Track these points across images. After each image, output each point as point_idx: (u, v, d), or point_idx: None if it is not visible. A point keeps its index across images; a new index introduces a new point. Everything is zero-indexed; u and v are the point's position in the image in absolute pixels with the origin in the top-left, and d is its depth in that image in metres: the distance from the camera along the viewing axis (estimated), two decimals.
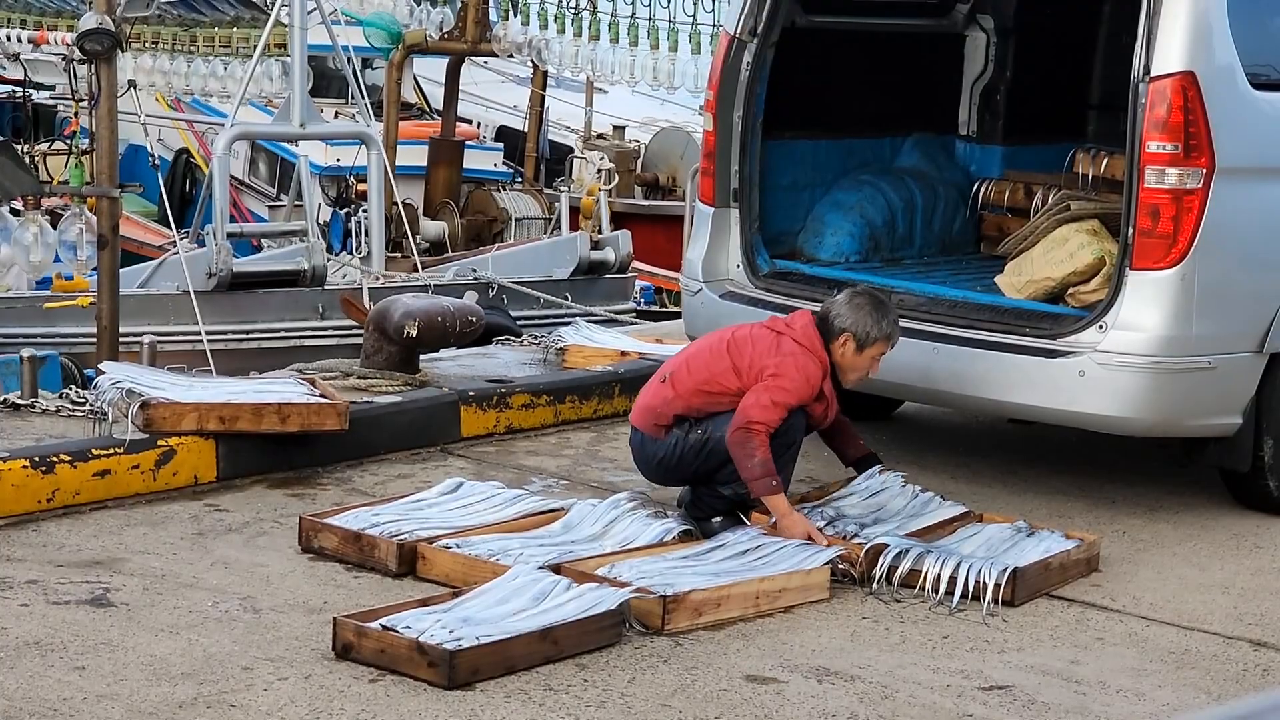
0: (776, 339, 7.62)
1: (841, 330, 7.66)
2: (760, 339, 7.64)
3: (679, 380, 7.68)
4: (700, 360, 7.69)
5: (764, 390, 7.47)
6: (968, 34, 10.37)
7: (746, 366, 7.55)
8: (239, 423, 8.19)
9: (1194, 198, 7.72)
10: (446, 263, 18.29)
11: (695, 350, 7.85)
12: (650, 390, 7.83)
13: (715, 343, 7.74)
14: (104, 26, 11.57)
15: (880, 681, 6.24)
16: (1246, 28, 7.97)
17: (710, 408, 7.60)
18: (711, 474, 7.62)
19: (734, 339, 7.68)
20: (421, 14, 21.62)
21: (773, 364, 7.52)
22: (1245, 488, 8.38)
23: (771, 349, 7.57)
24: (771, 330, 7.68)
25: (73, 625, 6.36)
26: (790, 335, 7.63)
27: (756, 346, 7.60)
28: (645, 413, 7.77)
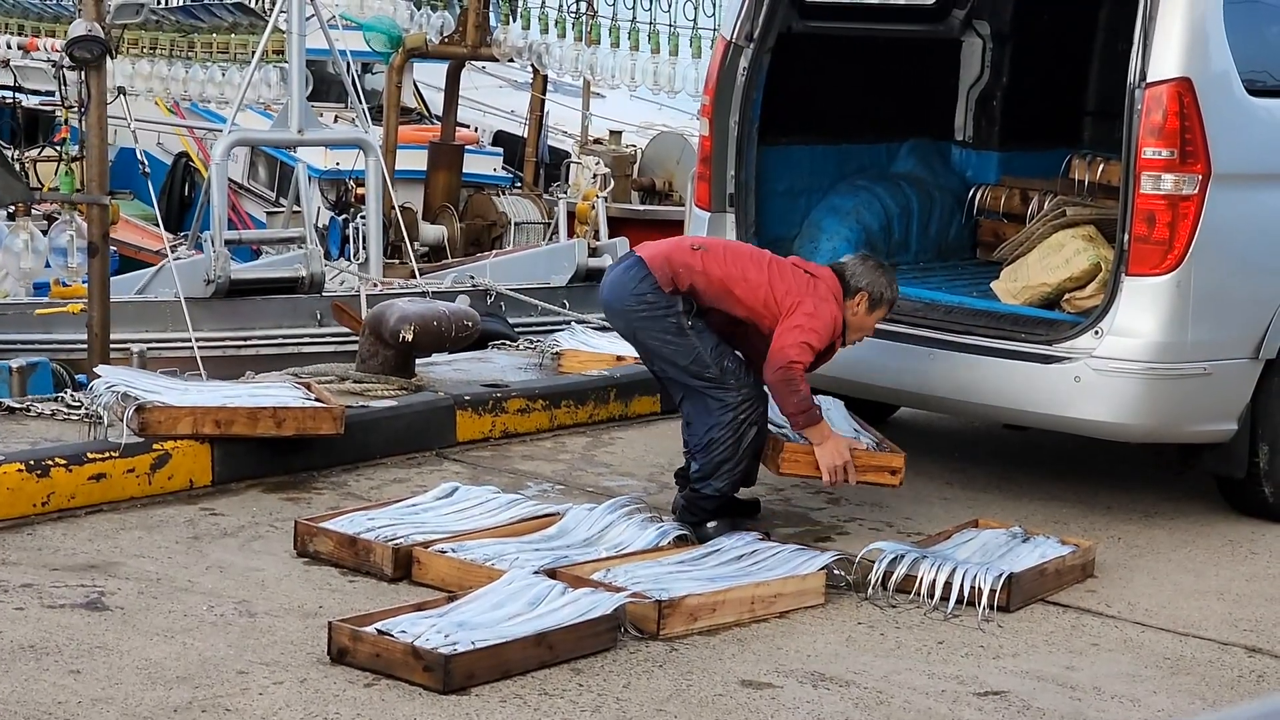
0: (811, 281, 7.68)
1: (858, 289, 7.75)
2: (797, 275, 7.69)
3: (712, 260, 7.65)
4: (739, 259, 7.70)
5: (798, 330, 7.53)
6: (964, 40, 10.37)
7: (783, 293, 7.60)
8: (234, 427, 8.19)
9: (1190, 204, 7.73)
10: (444, 269, 18.28)
11: (736, 246, 7.92)
12: (674, 243, 7.81)
13: (756, 253, 7.79)
14: (94, 33, 11.57)
15: (875, 687, 6.24)
16: (1243, 34, 7.98)
17: (720, 303, 7.63)
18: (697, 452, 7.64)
19: (774, 261, 7.73)
20: (421, 18, 21.63)
21: (810, 304, 7.60)
22: (1240, 494, 8.38)
23: (808, 288, 7.63)
24: (805, 271, 7.74)
25: (67, 629, 6.36)
26: (823, 282, 7.69)
27: (795, 279, 7.65)
28: (662, 259, 7.63)
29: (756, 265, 7.68)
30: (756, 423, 7.67)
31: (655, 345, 7.66)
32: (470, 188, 22.73)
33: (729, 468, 7.63)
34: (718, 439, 7.60)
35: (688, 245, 7.79)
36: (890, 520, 8.16)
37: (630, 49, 20.13)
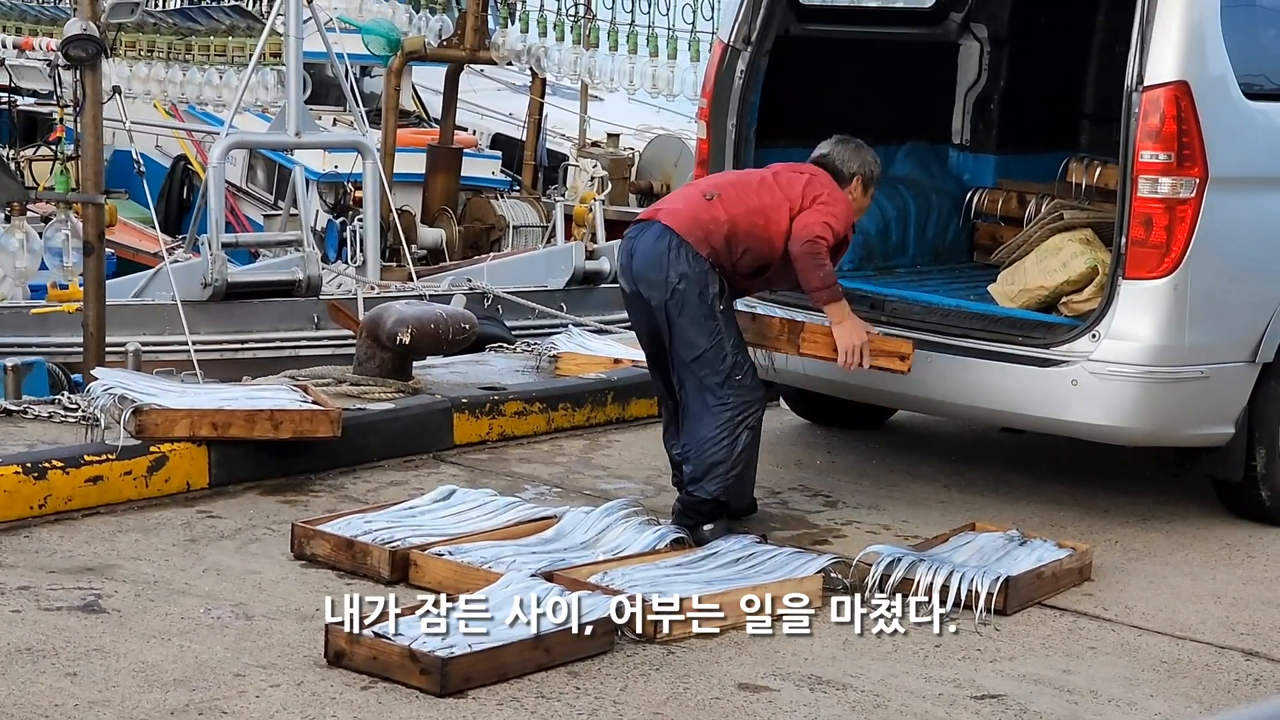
0: (813, 178, 7.80)
1: (853, 174, 7.93)
2: (797, 178, 7.80)
3: (729, 201, 7.67)
4: (747, 190, 7.75)
5: (818, 212, 7.67)
6: (961, 43, 10.37)
7: (798, 196, 7.70)
8: (231, 429, 8.19)
9: (1187, 207, 7.73)
10: (441, 272, 18.28)
11: (735, 179, 7.94)
12: (689, 200, 7.76)
13: (754, 178, 7.84)
14: (88, 32, 11.56)
15: (872, 690, 6.24)
16: (1240, 38, 7.98)
17: (750, 239, 7.64)
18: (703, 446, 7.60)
19: (776, 176, 7.81)
20: (420, 21, 21.62)
21: (825, 194, 7.73)
22: (1238, 497, 8.38)
23: (818, 183, 7.77)
24: (799, 172, 7.85)
25: (64, 631, 6.36)
26: (821, 175, 7.84)
27: (800, 183, 7.75)
28: (685, 219, 7.61)
29: (764, 188, 7.75)
30: (753, 427, 7.67)
31: (684, 323, 7.58)
32: (469, 191, 22.71)
33: (722, 470, 7.61)
34: (711, 438, 7.60)
35: (700, 198, 7.74)
36: (887, 523, 8.16)
37: (629, 52, 20.13)
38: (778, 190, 7.74)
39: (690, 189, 7.97)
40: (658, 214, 7.75)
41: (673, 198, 8.04)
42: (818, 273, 7.61)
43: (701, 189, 7.86)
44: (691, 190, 7.93)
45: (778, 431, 9.69)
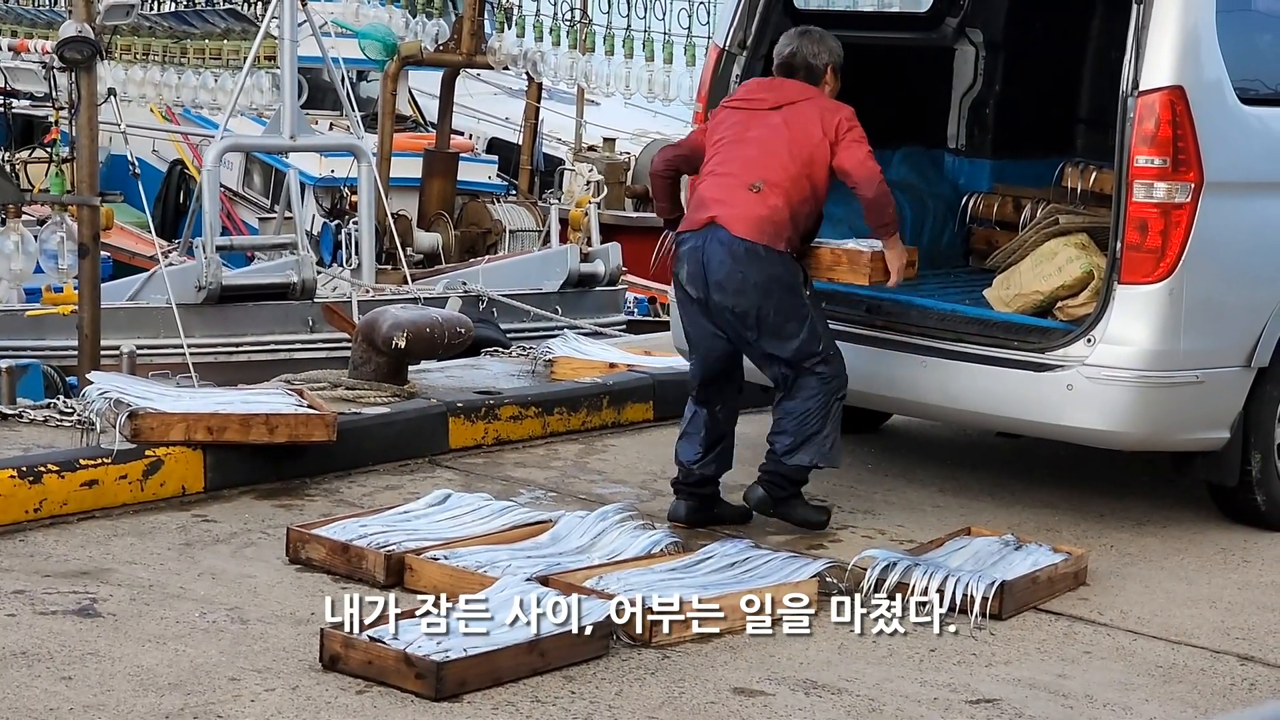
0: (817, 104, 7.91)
1: (826, 64, 8.06)
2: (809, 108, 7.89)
3: (774, 186, 7.78)
4: (779, 159, 7.81)
5: (860, 147, 7.87)
6: (957, 48, 10.37)
7: (822, 136, 7.85)
8: (227, 433, 8.19)
9: (1182, 212, 7.73)
10: (436, 275, 18.29)
11: (760, 153, 7.85)
12: (740, 199, 7.77)
13: (777, 141, 7.85)
14: (84, 34, 11.56)
15: (868, 695, 6.24)
16: (1235, 43, 7.99)
17: (804, 205, 7.84)
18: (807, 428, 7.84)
19: (789, 126, 7.87)
20: (417, 26, 21.63)
21: (840, 118, 7.91)
22: (1233, 502, 8.38)
23: (827, 109, 7.91)
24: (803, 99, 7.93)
25: (59, 635, 6.36)
26: (809, 89, 7.97)
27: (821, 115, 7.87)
28: (751, 223, 7.71)
29: (792, 147, 7.84)
30: (842, 399, 7.91)
31: (778, 321, 7.75)
32: (465, 195, 22.73)
33: (819, 440, 7.83)
34: (811, 410, 7.83)
35: (748, 193, 7.79)
36: (883, 528, 8.16)
37: (625, 57, 20.13)
38: (805, 142, 7.83)
39: (727, 181, 7.85)
40: (715, 219, 7.77)
41: (718, 198, 7.82)
42: (890, 209, 7.92)
43: (742, 181, 7.81)
44: (730, 183, 7.84)
45: None
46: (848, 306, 8.68)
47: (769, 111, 7.95)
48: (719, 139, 8.01)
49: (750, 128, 7.93)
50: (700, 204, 7.90)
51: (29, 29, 27.13)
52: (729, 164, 7.89)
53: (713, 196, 7.85)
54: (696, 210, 7.90)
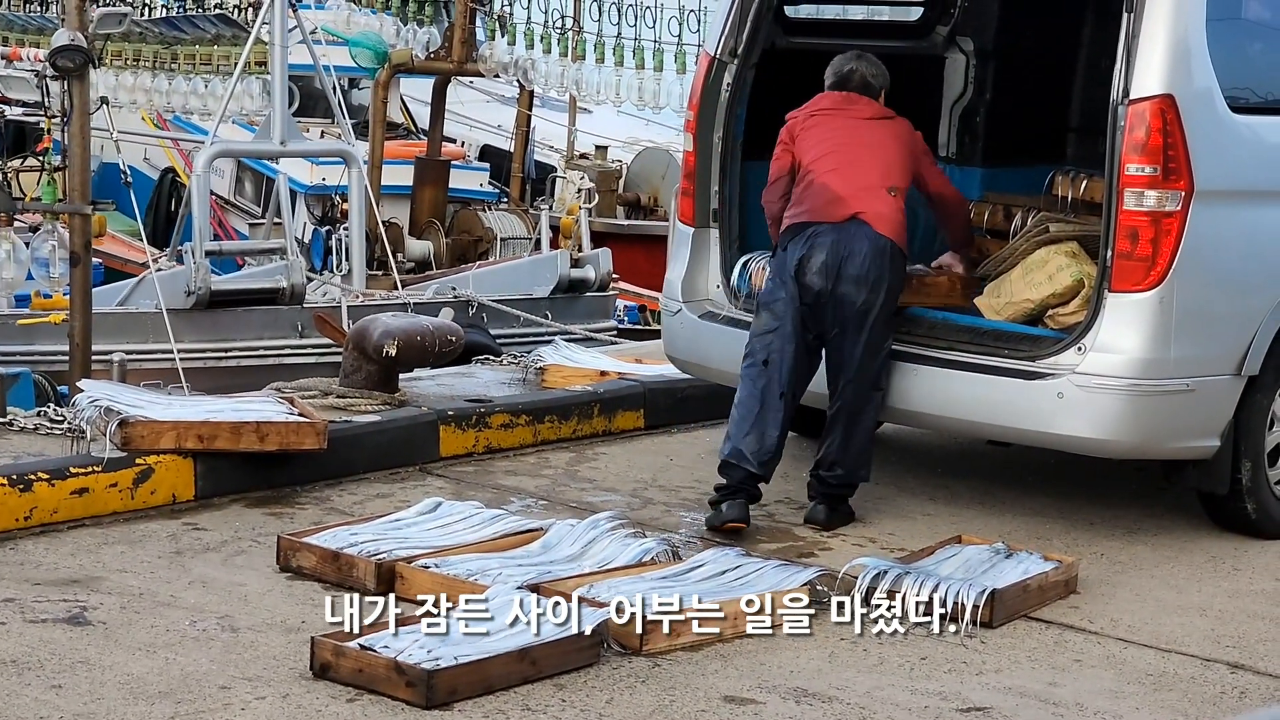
0: (897, 127, 8.38)
1: (881, 87, 8.57)
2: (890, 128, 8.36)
3: (901, 189, 8.25)
4: (897, 158, 8.29)
5: (940, 170, 8.68)
6: (947, 56, 10.37)
7: (910, 155, 8.37)
8: (217, 441, 8.18)
9: (1173, 220, 7.74)
10: (427, 280, 18.30)
11: (882, 155, 8.26)
12: (881, 198, 8.16)
13: (884, 139, 8.30)
14: (76, 43, 11.56)
15: (858, 703, 6.24)
16: (1226, 51, 8.00)
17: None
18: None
19: (889, 132, 8.34)
20: (408, 34, 21.65)
21: (921, 139, 8.50)
22: (1223, 510, 8.39)
23: (906, 131, 8.41)
24: (881, 119, 8.37)
25: (50, 644, 6.35)
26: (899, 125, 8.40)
27: (898, 135, 8.36)
28: (895, 225, 8.16)
29: (901, 159, 8.30)
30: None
31: (878, 325, 8.14)
32: (457, 203, 22.75)
33: (871, 454, 8.33)
34: (871, 428, 8.32)
35: (887, 195, 8.23)
36: (873, 536, 8.16)
37: (616, 65, 20.15)
38: (910, 156, 8.36)
39: (862, 179, 8.18)
40: (860, 215, 8.10)
41: (857, 194, 8.13)
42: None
43: (878, 181, 8.19)
44: (865, 181, 8.18)
45: None
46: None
47: (870, 121, 8.27)
48: (825, 141, 8.24)
49: (860, 132, 8.24)
50: (835, 198, 8.12)
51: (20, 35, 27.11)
52: (856, 165, 8.17)
53: (849, 193, 8.12)
54: (831, 204, 8.12)
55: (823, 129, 8.27)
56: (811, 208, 8.15)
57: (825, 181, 8.15)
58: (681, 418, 10.04)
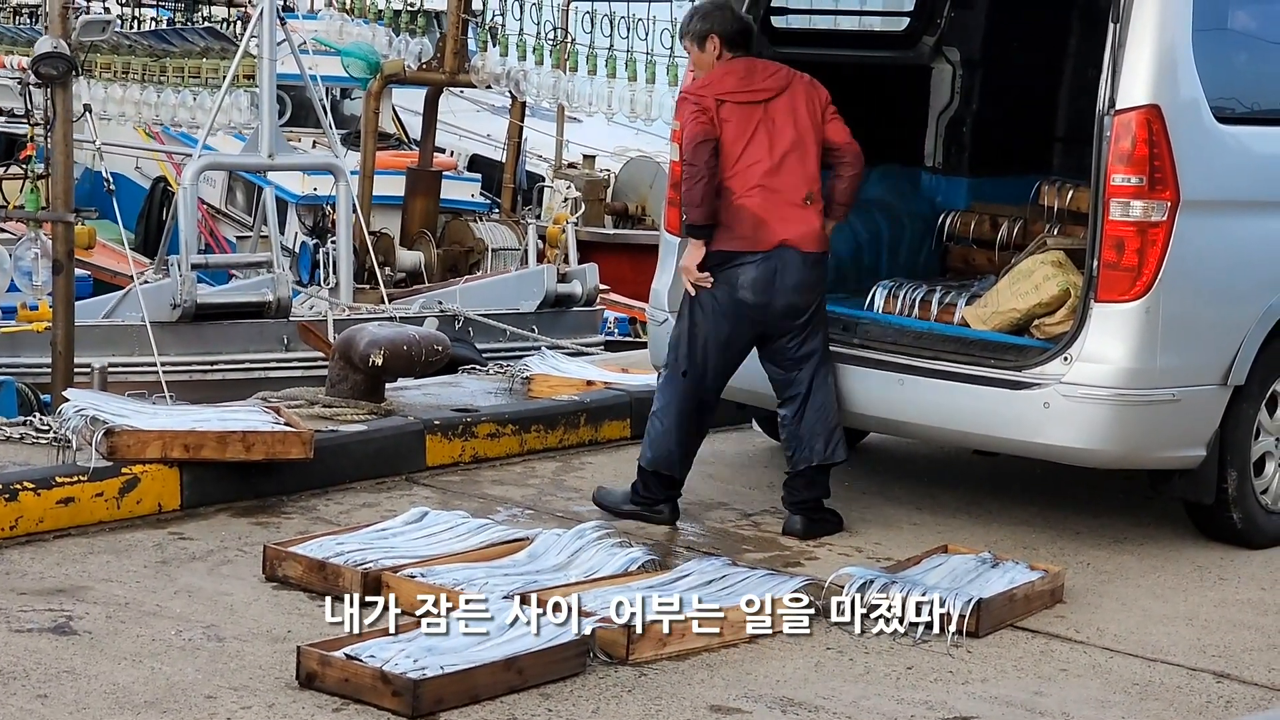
0: (802, 83, 8.29)
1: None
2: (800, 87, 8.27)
3: (816, 190, 8.21)
4: (807, 150, 8.22)
5: (840, 119, 8.33)
6: (934, 66, 10.39)
7: (820, 109, 8.30)
8: (203, 451, 8.18)
9: (1159, 230, 7.75)
10: (414, 294, 18.29)
11: (797, 155, 8.19)
12: (800, 216, 8.14)
13: (793, 131, 8.19)
14: (59, 51, 11.55)
15: (844, 712, 6.24)
16: (1211, 62, 8.01)
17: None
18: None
19: (794, 110, 8.22)
20: (400, 44, 21.64)
21: (825, 93, 8.35)
22: (1209, 520, 8.39)
23: (811, 88, 8.31)
24: (788, 79, 8.29)
25: (35, 653, 6.34)
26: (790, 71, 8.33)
27: (807, 96, 8.26)
28: (816, 237, 8.20)
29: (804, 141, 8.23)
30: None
31: (817, 322, 8.26)
32: (448, 214, 22.74)
33: (840, 430, 8.31)
34: (835, 404, 8.31)
35: (804, 206, 8.20)
36: (860, 545, 8.16)
37: (607, 76, 20.15)
38: (815, 132, 8.25)
39: (781, 197, 8.15)
40: (786, 243, 8.10)
41: (782, 217, 8.13)
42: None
43: (795, 197, 8.17)
44: (784, 199, 8.15)
45: (750, 454, 9.70)
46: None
47: (778, 102, 8.20)
48: (740, 141, 8.16)
49: (773, 128, 8.17)
50: (760, 224, 8.10)
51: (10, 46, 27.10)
52: (777, 177, 8.14)
53: (773, 217, 8.12)
54: (757, 230, 8.10)
55: (738, 125, 8.17)
56: (740, 235, 8.11)
57: (747, 205, 8.09)
58: None
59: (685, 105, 8.21)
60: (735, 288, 8.09)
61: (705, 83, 8.24)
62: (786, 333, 8.18)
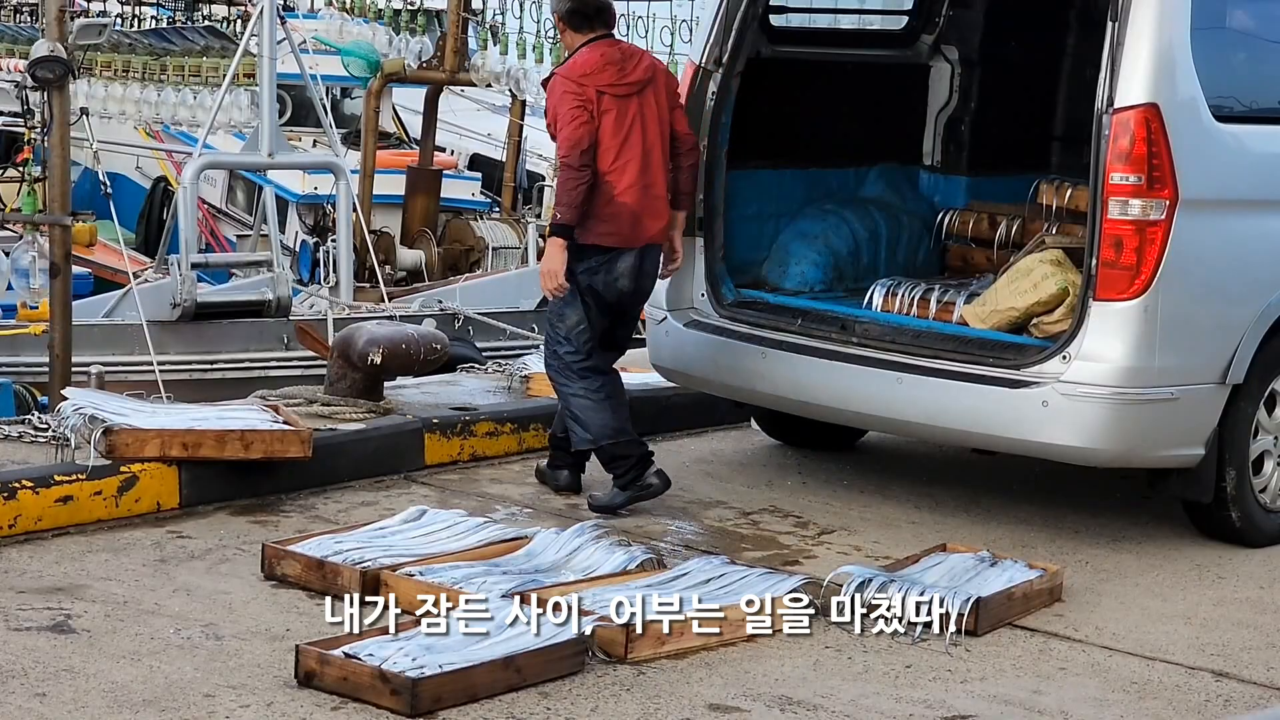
0: (655, 61, 8.55)
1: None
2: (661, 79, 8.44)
3: (664, 185, 8.44)
4: (661, 140, 8.42)
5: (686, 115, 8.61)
6: (933, 65, 10.40)
7: (675, 95, 8.55)
8: (202, 449, 8.18)
9: (1157, 229, 7.75)
10: (414, 293, 18.30)
11: (660, 152, 8.40)
12: (662, 211, 8.44)
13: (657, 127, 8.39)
14: (56, 54, 11.55)
15: (843, 711, 6.24)
16: (1210, 61, 8.01)
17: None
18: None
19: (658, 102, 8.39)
20: (400, 43, 21.65)
21: (675, 81, 8.61)
22: (1208, 518, 8.39)
23: (658, 70, 8.50)
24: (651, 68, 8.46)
25: (34, 652, 6.34)
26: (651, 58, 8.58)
27: (662, 81, 8.45)
28: (667, 229, 8.50)
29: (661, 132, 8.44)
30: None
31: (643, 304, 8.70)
32: (448, 212, 22.74)
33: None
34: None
35: (664, 201, 8.47)
36: (858, 544, 8.16)
37: None
38: (668, 124, 8.43)
39: (653, 193, 8.38)
40: (654, 238, 8.42)
41: (650, 212, 8.37)
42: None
43: (662, 192, 8.42)
44: (653, 193, 8.39)
45: (749, 452, 9.70)
46: (822, 324, 8.69)
47: (646, 93, 8.36)
48: (617, 135, 8.32)
49: (644, 122, 8.35)
50: (635, 221, 8.36)
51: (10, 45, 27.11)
52: (646, 174, 8.35)
53: (645, 214, 8.38)
54: (632, 228, 8.35)
55: (616, 118, 8.32)
56: (616, 231, 8.34)
57: (627, 203, 8.31)
58: (666, 426, 10.02)
59: (566, 95, 8.29)
60: (616, 276, 8.38)
61: (582, 70, 8.35)
62: (632, 316, 8.69)
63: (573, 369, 8.49)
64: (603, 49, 8.36)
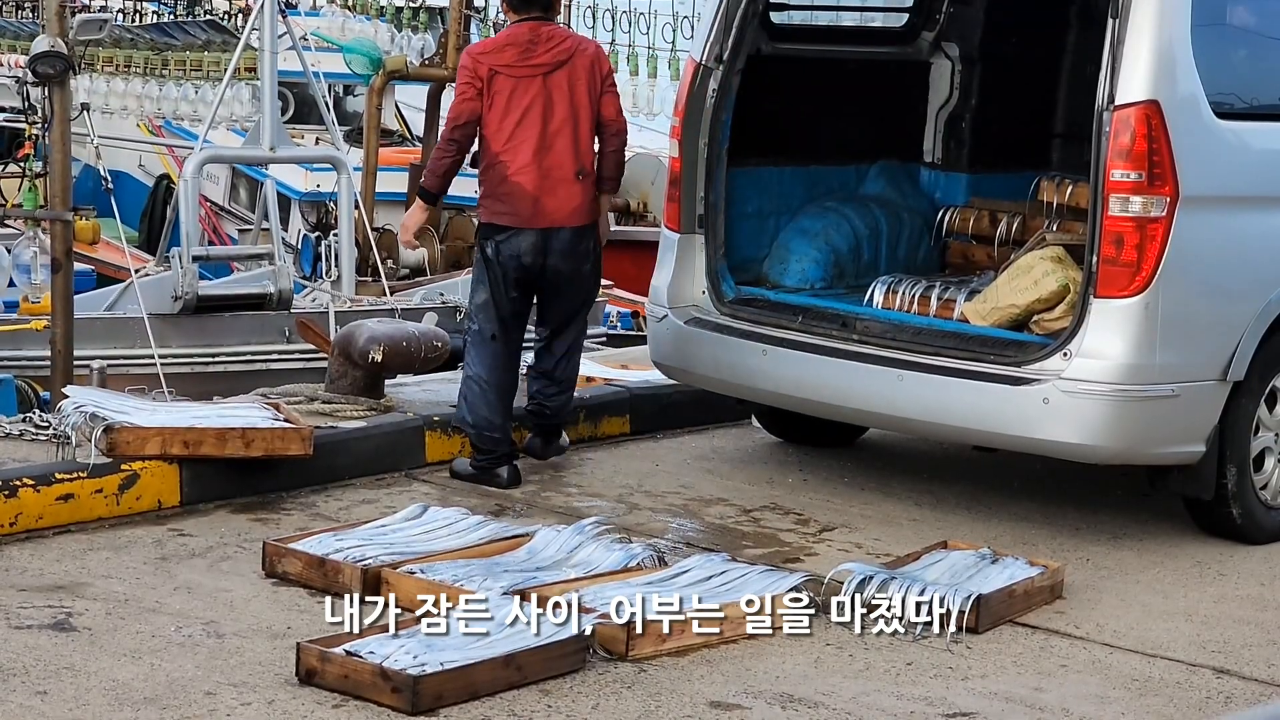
0: (579, 42, 8.74)
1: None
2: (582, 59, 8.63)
3: (589, 167, 8.67)
4: (583, 125, 8.61)
5: (615, 91, 8.88)
6: (933, 62, 10.39)
7: (600, 80, 8.70)
8: (203, 447, 8.18)
9: (1158, 226, 7.75)
10: (415, 287, 18.28)
11: (570, 132, 8.59)
12: (568, 193, 8.61)
13: (568, 108, 8.57)
14: (56, 49, 11.54)
15: (844, 708, 6.25)
16: (1210, 57, 8.01)
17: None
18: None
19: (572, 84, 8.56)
20: (402, 40, 21.67)
21: (608, 65, 8.85)
22: (1209, 515, 8.39)
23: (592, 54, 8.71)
24: (570, 49, 8.61)
25: (35, 650, 6.35)
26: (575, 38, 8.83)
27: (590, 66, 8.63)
28: (585, 210, 8.71)
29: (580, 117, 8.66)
30: None
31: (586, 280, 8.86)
32: (451, 210, 22.71)
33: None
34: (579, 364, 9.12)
35: (575, 182, 8.65)
36: (859, 541, 8.17)
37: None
38: (591, 107, 8.66)
39: (553, 174, 8.58)
40: (556, 220, 8.61)
41: (550, 192, 8.59)
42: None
43: (568, 173, 8.60)
44: (556, 175, 8.58)
45: (750, 450, 9.71)
46: (823, 321, 8.70)
47: (555, 75, 8.51)
48: (512, 115, 8.50)
49: (549, 103, 8.50)
50: (534, 201, 8.58)
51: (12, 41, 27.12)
52: (547, 155, 8.54)
53: (546, 193, 8.59)
54: (526, 205, 8.58)
55: (512, 98, 8.50)
56: (512, 210, 8.60)
57: (520, 182, 8.55)
58: (667, 423, 10.04)
59: (461, 70, 8.67)
60: (519, 254, 8.59)
61: (483, 48, 8.72)
62: (566, 295, 8.80)
63: (481, 342, 8.76)
64: (516, 30, 8.56)
